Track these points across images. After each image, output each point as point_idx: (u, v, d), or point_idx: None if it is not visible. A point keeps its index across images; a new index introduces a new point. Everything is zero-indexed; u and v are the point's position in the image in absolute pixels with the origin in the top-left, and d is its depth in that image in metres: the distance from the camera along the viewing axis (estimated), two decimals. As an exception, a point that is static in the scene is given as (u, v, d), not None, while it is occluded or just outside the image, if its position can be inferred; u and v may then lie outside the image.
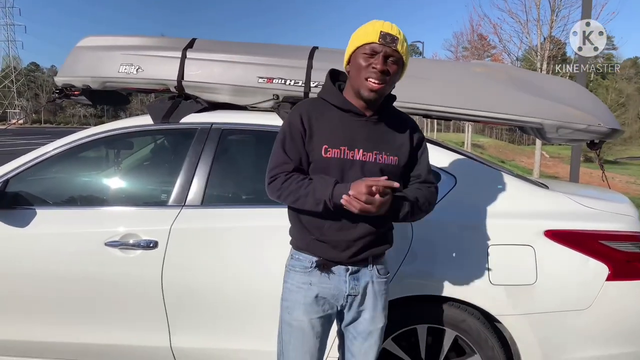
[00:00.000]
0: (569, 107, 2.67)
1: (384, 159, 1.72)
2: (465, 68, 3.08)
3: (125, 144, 3.05)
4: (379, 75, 1.63)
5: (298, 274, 1.78)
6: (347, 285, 1.76)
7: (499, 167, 2.68)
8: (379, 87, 1.65)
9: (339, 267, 1.75)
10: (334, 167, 1.68)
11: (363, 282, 1.78)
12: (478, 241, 2.27)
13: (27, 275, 2.47)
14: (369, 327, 1.81)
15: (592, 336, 2.26)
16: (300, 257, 1.79)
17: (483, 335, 2.30)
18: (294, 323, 1.77)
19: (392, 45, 1.64)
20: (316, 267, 1.75)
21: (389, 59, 1.65)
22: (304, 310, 1.75)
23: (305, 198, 1.65)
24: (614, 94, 44.35)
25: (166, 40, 3.02)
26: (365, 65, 1.64)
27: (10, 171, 2.58)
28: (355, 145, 1.69)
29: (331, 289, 1.76)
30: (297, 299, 1.77)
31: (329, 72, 1.83)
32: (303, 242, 1.77)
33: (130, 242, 2.39)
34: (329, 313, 1.79)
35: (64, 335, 2.50)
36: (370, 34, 1.65)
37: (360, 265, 1.77)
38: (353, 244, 1.72)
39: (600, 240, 2.23)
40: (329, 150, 1.68)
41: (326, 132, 1.70)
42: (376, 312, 1.81)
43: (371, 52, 1.64)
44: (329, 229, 1.71)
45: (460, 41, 27.82)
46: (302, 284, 1.77)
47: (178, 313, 2.40)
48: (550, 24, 13.81)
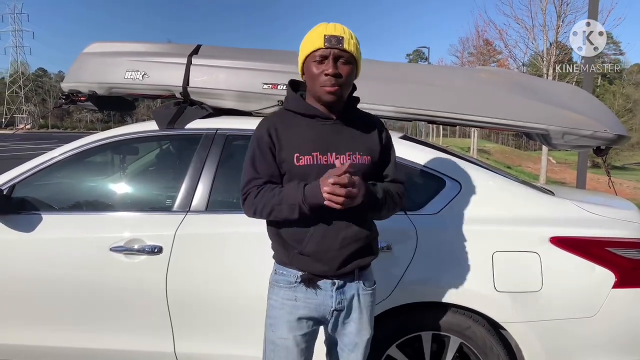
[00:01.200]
0: (574, 113, 2.67)
1: (357, 159, 1.70)
2: (470, 74, 3.08)
3: (130, 149, 3.06)
4: (333, 79, 1.62)
5: (282, 289, 1.74)
6: (333, 300, 1.72)
7: (504, 173, 2.67)
8: (336, 89, 1.63)
9: (325, 281, 1.71)
10: (308, 174, 1.65)
11: (349, 295, 1.75)
12: (483, 248, 2.26)
13: (32, 279, 2.48)
14: (355, 339, 1.78)
15: (598, 344, 2.24)
16: (284, 271, 1.74)
17: (488, 343, 2.28)
18: (278, 341, 1.73)
19: (338, 47, 1.62)
20: (301, 282, 1.71)
21: (339, 61, 1.64)
22: (289, 328, 1.71)
23: (280, 207, 1.63)
24: (621, 100, 44.11)
25: (172, 46, 3.04)
26: (318, 72, 1.63)
27: (17, 176, 2.60)
28: (328, 149, 1.67)
29: (317, 304, 1.72)
30: (281, 316, 1.73)
31: (289, 82, 1.82)
32: (286, 257, 1.73)
33: (135, 248, 2.39)
34: (314, 329, 1.76)
35: (69, 340, 2.50)
36: (315, 40, 1.63)
37: (347, 279, 1.74)
38: (338, 254, 1.68)
39: (606, 247, 2.22)
40: (301, 158, 1.66)
41: (296, 140, 1.68)
42: (362, 325, 1.78)
43: (321, 58, 1.63)
44: (310, 241, 1.67)
45: (466, 46, 27.82)
46: (287, 300, 1.72)
47: (182, 318, 2.40)
48: (556, 29, 13.81)
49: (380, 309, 2.29)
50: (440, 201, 2.37)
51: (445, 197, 2.38)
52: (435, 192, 2.40)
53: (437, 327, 2.31)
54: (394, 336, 2.33)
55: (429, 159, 2.46)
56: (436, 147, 2.79)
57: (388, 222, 2.36)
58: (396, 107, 2.71)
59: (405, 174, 2.43)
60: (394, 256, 2.29)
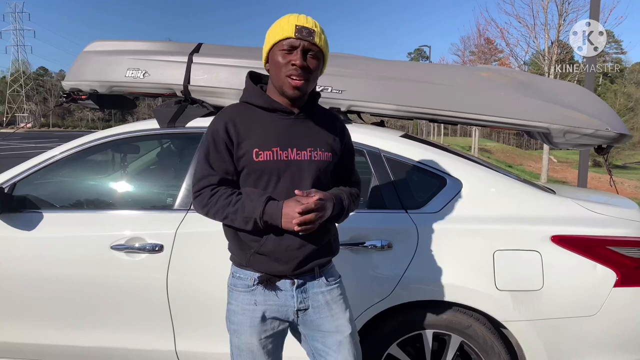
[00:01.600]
0: (576, 112, 2.66)
1: (319, 155, 1.64)
2: (471, 72, 3.08)
3: (131, 148, 3.06)
4: (300, 71, 1.55)
5: (241, 293, 1.67)
6: (295, 300, 1.66)
7: (505, 172, 2.67)
8: (301, 83, 1.57)
9: (284, 281, 1.65)
10: (268, 170, 1.59)
11: (311, 293, 1.68)
12: (484, 246, 2.26)
13: (33, 278, 2.48)
14: (337, 338, 1.69)
15: (600, 343, 2.24)
16: (241, 274, 1.68)
17: (489, 341, 2.28)
18: (243, 346, 1.66)
19: (309, 39, 1.55)
20: (259, 283, 1.64)
21: (308, 54, 1.57)
22: (252, 332, 1.65)
23: (235, 216, 1.57)
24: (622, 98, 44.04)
25: (172, 44, 3.04)
26: (285, 62, 1.56)
27: (18, 174, 2.60)
28: (288, 144, 1.61)
29: (279, 305, 1.66)
30: (243, 322, 1.66)
31: (248, 74, 1.73)
32: (243, 258, 1.66)
33: (135, 246, 2.39)
34: (279, 330, 1.70)
35: (70, 339, 2.50)
36: (285, 28, 1.56)
37: (307, 277, 1.68)
38: (296, 253, 1.62)
39: (608, 246, 2.21)
40: (260, 154, 1.58)
41: (255, 135, 1.60)
42: (337, 320, 1.70)
43: (289, 48, 1.56)
44: (267, 240, 1.60)
45: (468, 45, 27.82)
46: (247, 305, 1.66)
47: (183, 317, 2.41)
48: (557, 28, 13.79)
49: (381, 308, 2.29)
50: (441, 200, 2.37)
51: (446, 195, 2.38)
52: (436, 190, 2.40)
53: (438, 326, 2.31)
54: (395, 335, 2.33)
55: (430, 158, 2.46)
56: (437, 145, 2.79)
57: (389, 220, 2.37)
58: (397, 106, 2.71)
59: (407, 172, 2.44)
60: (394, 254, 2.29)
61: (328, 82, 2.66)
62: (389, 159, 2.45)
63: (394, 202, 2.39)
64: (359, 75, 2.73)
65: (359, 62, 2.91)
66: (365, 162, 2.47)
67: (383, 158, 2.45)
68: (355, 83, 2.69)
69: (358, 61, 2.92)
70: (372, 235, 2.31)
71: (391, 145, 2.49)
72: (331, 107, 2.67)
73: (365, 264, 2.31)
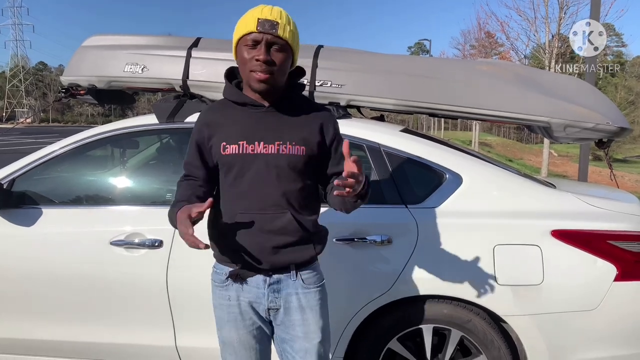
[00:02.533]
0: (576, 106, 2.65)
1: (288, 149, 1.59)
2: (471, 66, 3.06)
3: (131, 143, 3.05)
4: (264, 66, 1.53)
5: (217, 288, 1.69)
6: (265, 299, 1.63)
7: (505, 166, 2.66)
8: (266, 77, 1.54)
9: (257, 277, 1.62)
10: (235, 164, 1.60)
11: (285, 293, 1.63)
12: (484, 241, 2.25)
13: (33, 274, 2.48)
14: (304, 344, 1.63)
15: (600, 337, 2.24)
16: (217, 269, 1.70)
17: (489, 336, 2.28)
18: (225, 340, 1.68)
19: (272, 32, 1.52)
20: (229, 277, 1.64)
21: (272, 47, 1.54)
22: (230, 327, 1.65)
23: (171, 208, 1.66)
24: (623, 92, 43.94)
25: (171, 39, 3.02)
26: (249, 57, 1.54)
27: (17, 170, 2.60)
28: (255, 138, 1.59)
29: (251, 301, 1.64)
30: (221, 316, 1.68)
31: (226, 71, 1.73)
32: (218, 250, 1.68)
33: (135, 241, 2.39)
34: (258, 325, 1.67)
35: (69, 334, 2.51)
36: (249, 23, 1.54)
37: (281, 274, 1.63)
38: (268, 248, 1.59)
39: (608, 240, 2.21)
40: (227, 147, 1.59)
41: (224, 129, 1.62)
42: (308, 327, 1.63)
43: (253, 43, 1.54)
44: (238, 236, 1.59)
45: (468, 39, 27.73)
46: (222, 300, 1.67)
47: (183, 312, 2.41)
48: (558, 21, 13.74)
49: (381, 302, 2.29)
50: (441, 194, 2.36)
51: (446, 190, 2.37)
52: (436, 185, 2.39)
53: (438, 321, 2.31)
54: (395, 329, 2.33)
55: (430, 153, 2.45)
56: (437, 140, 2.78)
57: (388, 215, 2.37)
58: (397, 100, 2.70)
59: (406, 167, 2.43)
60: (394, 249, 2.29)
61: (328, 76, 2.65)
62: (388, 153, 2.44)
63: (393, 197, 2.39)
64: (358, 69, 2.72)
65: (359, 56, 2.89)
66: (365, 156, 2.46)
67: (383, 153, 2.44)
68: (355, 77, 2.68)
69: (357, 55, 2.90)
70: (371, 230, 2.30)
71: (391, 139, 2.48)
72: (330, 101, 2.66)
73: (365, 259, 2.31)
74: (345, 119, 2.59)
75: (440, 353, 2.36)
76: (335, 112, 2.59)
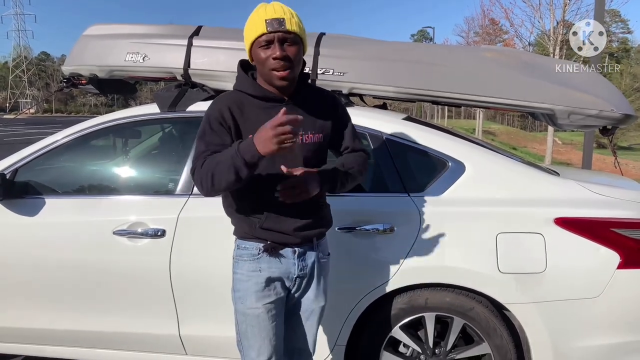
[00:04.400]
0: (580, 93, 2.63)
1: (310, 138, 1.75)
2: (475, 53, 3.04)
3: (133, 132, 3.05)
4: (282, 62, 1.63)
5: (247, 262, 1.80)
6: (296, 267, 1.80)
7: (508, 154, 2.65)
8: (287, 73, 1.65)
9: (286, 249, 1.79)
10: None
11: (309, 262, 1.83)
12: (487, 229, 2.25)
13: (36, 263, 2.50)
14: (312, 306, 1.87)
15: (602, 324, 2.24)
16: (246, 245, 1.80)
17: (492, 324, 2.28)
18: (249, 311, 1.78)
19: (281, 29, 1.62)
20: (264, 251, 1.77)
21: (285, 43, 1.64)
22: (257, 297, 1.77)
23: (218, 168, 1.58)
24: (628, 79, 43.57)
25: (172, 28, 3.01)
26: (265, 57, 1.64)
27: (20, 160, 2.60)
28: None
29: (281, 272, 1.80)
30: (248, 287, 1.79)
31: (240, 63, 1.80)
32: (249, 230, 1.78)
33: (138, 231, 2.39)
34: (281, 296, 1.82)
35: (73, 323, 2.52)
36: (258, 25, 1.63)
37: (306, 247, 1.82)
38: (297, 223, 1.76)
39: (611, 227, 2.20)
40: None
41: (250, 122, 1.68)
42: (319, 292, 1.88)
43: (266, 43, 1.63)
44: (267, 220, 1.74)
45: (472, 26, 27.55)
46: (252, 271, 1.79)
47: (186, 301, 2.42)
48: (563, 7, 13.60)
49: (384, 291, 2.30)
50: (444, 183, 2.36)
51: (449, 178, 2.36)
52: (439, 173, 2.38)
53: (441, 309, 2.31)
54: (398, 317, 2.34)
55: (433, 141, 2.44)
56: (440, 128, 2.77)
57: (391, 203, 2.37)
58: (399, 88, 2.68)
59: (409, 155, 2.42)
60: (397, 237, 2.29)
61: (330, 64, 2.63)
62: (391, 141, 2.43)
63: (396, 185, 2.38)
64: (360, 57, 2.70)
65: (361, 44, 2.87)
66: (368, 145, 2.45)
67: (385, 141, 2.43)
68: (357, 65, 2.66)
69: (360, 43, 2.88)
70: (374, 219, 2.30)
71: (393, 128, 2.47)
72: (333, 89, 2.64)
73: (367, 247, 2.31)
74: (347, 107, 2.57)
75: (442, 341, 2.37)
76: None
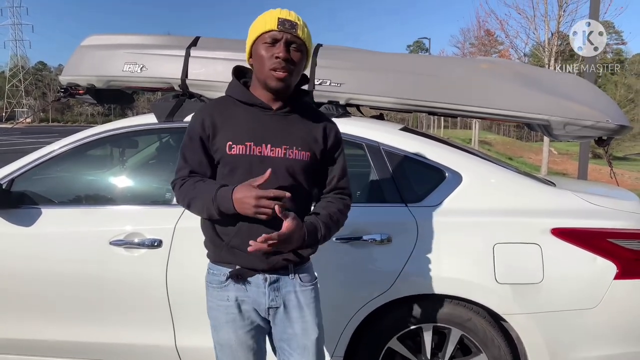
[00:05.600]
0: (576, 104, 2.65)
1: (294, 154, 1.61)
2: (471, 64, 3.06)
3: (130, 142, 3.05)
4: (283, 63, 1.55)
5: (215, 290, 1.67)
6: (266, 298, 1.64)
7: (505, 165, 2.66)
8: (285, 75, 1.56)
9: (256, 276, 1.63)
10: (241, 164, 1.59)
11: (284, 292, 1.66)
12: (484, 239, 2.25)
13: (32, 274, 2.48)
14: (303, 341, 1.66)
15: (600, 335, 2.24)
16: (214, 270, 1.68)
17: (489, 335, 2.28)
18: (223, 342, 1.66)
19: (292, 31, 1.55)
20: (229, 278, 1.64)
21: (291, 46, 1.57)
22: (229, 328, 1.65)
23: (195, 201, 1.59)
24: (622, 90, 43.86)
25: (170, 38, 3.02)
26: (268, 55, 1.56)
27: (16, 170, 2.59)
28: (263, 140, 1.59)
29: (251, 301, 1.65)
30: (219, 317, 1.67)
31: (234, 69, 1.73)
32: (217, 252, 1.67)
33: (135, 241, 2.39)
34: (257, 324, 1.68)
35: (69, 334, 2.50)
36: (268, 22, 1.56)
37: (280, 274, 1.65)
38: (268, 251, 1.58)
39: (608, 238, 2.21)
40: (233, 147, 1.58)
41: (230, 128, 1.61)
42: (306, 324, 1.67)
43: (272, 41, 1.56)
44: (238, 233, 1.59)
45: (467, 37, 27.69)
46: (221, 300, 1.66)
47: (183, 312, 2.40)
48: (557, 19, 13.72)
49: (381, 302, 2.29)
50: (441, 193, 2.36)
51: (446, 189, 2.37)
52: (436, 184, 2.39)
53: (438, 320, 2.31)
54: (395, 328, 2.33)
55: (430, 151, 2.44)
56: (437, 138, 2.78)
57: (388, 214, 2.37)
58: (396, 98, 2.69)
59: (406, 165, 2.43)
60: (394, 248, 2.29)
61: (327, 75, 2.64)
62: (388, 152, 2.44)
63: (393, 195, 2.38)
64: (357, 68, 2.71)
65: (358, 54, 2.89)
66: (364, 155, 2.46)
67: (382, 151, 2.44)
68: (354, 76, 2.68)
69: (356, 54, 2.90)
70: (371, 229, 2.30)
71: (390, 138, 2.48)
72: (330, 100, 2.66)
73: (364, 258, 2.31)
74: (344, 118, 2.58)
75: (440, 352, 2.36)
76: (334, 111, 2.60)
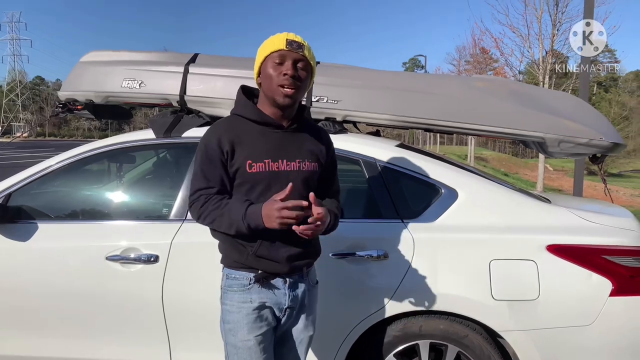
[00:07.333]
0: (570, 121, 2.68)
1: (307, 166, 1.77)
2: (466, 82, 3.09)
3: (127, 158, 3.06)
4: (291, 80, 1.66)
5: (237, 293, 1.76)
6: (287, 298, 1.78)
7: (500, 181, 2.68)
8: (292, 91, 1.67)
9: (278, 279, 1.77)
10: (260, 181, 1.71)
11: (299, 292, 1.82)
12: (480, 256, 2.26)
13: (28, 289, 2.47)
14: (300, 335, 1.85)
15: (596, 352, 2.23)
16: (236, 275, 1.77)
17: (486, 351, 2.27)
18: (240, 344, 1.73)
19: (299, 51, 1.68)
20: (255, 282, 1.75)
21: (298, 64, 1.69)
22: (249, 329, 1.73)
23: (221, 219, 1.68)
24: (616, 107, 44.26)
25: (169, 55, 3.05)
26: (276, 73, 1.68)
27: (13, 185, 2.59)
28: (279, 156, 1.73)
29: (273, 303, 1.77)
30: (239, 319, 1.74)
31: (241, 88, 1.84)
32: (239, 258, 1.76)
33: (131, 257, 2.38)
34: (273, 326, 1.79)
35: (65, 350, 2.48)
36: (277, 42, 1.69)
37: (297, 276, 1.81)
38: (290, 253, 1.75)
39: (603, 255, 2.22)
40: (253, 165, 1.70)
41: (247, 147, 1.71)
42: (308, 321, 1.86)
43: (280, 60, 1.68)
44: (262, 245, 1.72)
45: (463, 55, 27.97)
46: (242, 303, 1.75)
47: (179, 328, 2.39)
48: (551, 37, 13.90)
49: (378, 318, 2.28)
50: (437, 209, 2.37)
51: (442, 205, 2.38)
52: (432, 200, 2.40)
53: (435, 336, 2.30)
54: (391, 345, 2.32)
55: (426, 167, 2.46)
56: (433, 155, 2.80)
57: (385, 230, 2.37)
58: (392, 115, 2.72)
59: (402, 182, 2.44)
60: (390, 264, 2.29)
61: (324, 92, 2.67)
62: (384, 168, 2.46)
63: (389, 211, 2.39)
64: (354, 85, 2.74)
65: (355, 72, 2.92)
66: (361, 171, 2.47)
67: (379, 167, 2.46)
68: (351, 93, 2.70)
69: (353, 71, 2.93)
70: (368, 245, 2.31)
71: (387, 154, 2.50)
72: (327, 117, 2.68)
73: (361, 274, 2.31)
74: (341, 134, 2.60)
75: (437, 369, 2.35)
76: (331, 127, 2.62)
